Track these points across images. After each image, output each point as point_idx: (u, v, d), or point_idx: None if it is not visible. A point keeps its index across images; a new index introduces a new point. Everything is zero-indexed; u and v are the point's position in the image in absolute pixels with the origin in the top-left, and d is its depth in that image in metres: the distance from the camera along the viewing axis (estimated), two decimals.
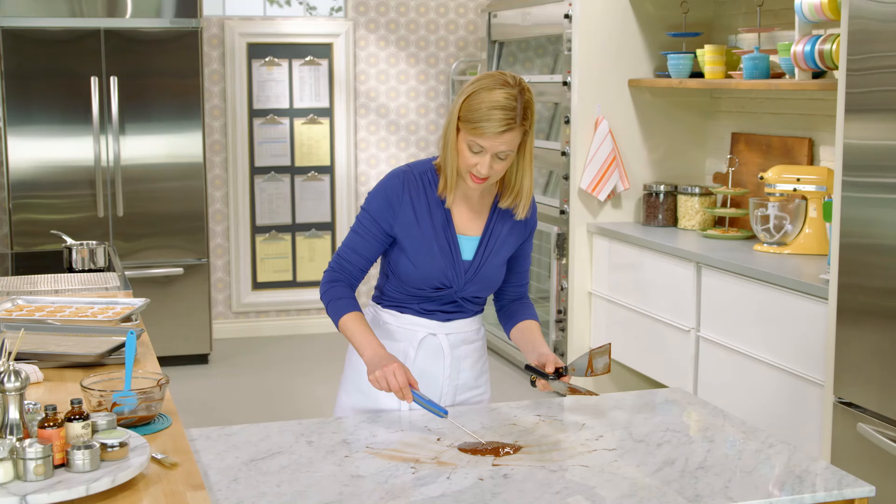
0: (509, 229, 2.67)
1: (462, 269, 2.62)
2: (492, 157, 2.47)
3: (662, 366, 4.76)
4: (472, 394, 2.76)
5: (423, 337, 2.68)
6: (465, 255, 2.63)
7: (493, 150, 2.46)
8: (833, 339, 3.45)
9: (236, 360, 6.47)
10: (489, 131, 2.43)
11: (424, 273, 2.60)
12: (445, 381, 2.70)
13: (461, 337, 2.71)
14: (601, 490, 2.07)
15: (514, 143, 2.48)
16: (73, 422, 1.88)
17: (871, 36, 3.24)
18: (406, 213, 2.59)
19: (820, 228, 4.31)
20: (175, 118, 6.13)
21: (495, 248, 2.65)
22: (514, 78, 2.50)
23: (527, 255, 2.77)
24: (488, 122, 2.43)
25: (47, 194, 6.00)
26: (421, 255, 2.59)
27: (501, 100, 2.44)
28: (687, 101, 5.44)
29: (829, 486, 2.11)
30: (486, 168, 2.47)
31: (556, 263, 5.47)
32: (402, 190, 2.59)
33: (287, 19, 6.91)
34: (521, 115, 2.46)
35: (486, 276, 2.65)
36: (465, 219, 2.64)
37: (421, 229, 2.59)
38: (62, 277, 3.84)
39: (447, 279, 2.61)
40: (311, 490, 2.06)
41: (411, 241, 2.59)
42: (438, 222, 2.60)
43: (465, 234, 2.64)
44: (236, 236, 6.90)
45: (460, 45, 7.18)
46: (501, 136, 2.44)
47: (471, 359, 2.74)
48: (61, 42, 5.92)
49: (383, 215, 2.60)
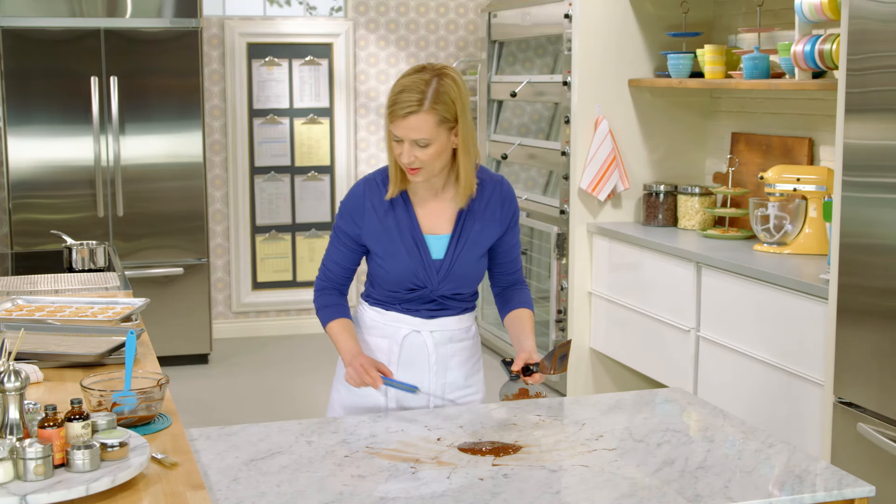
0: (483, 225, 2.66)
1: (433, 269, 2.62)
2: (410, 145, 2.48)
3: (662, 366, 4.76)
4: (461, 393, 2.76)
5: (406, 334, 2.69)
6: (436, 254, 2.63)
7: (406, 136, 2.47)
8: (833, 339, 3.45)
9: (236, 359, 6.47)
10: (395, 115, 2.46)
11: (395, 275, 2.62)
12: (432, 379, 2.70)
13: (447, 335, 2.70)
14: (601, 490, 2.07)
15: (426, 129, 2.47)
16: (73, 422, 1.88)
17: (871, 36, 3.24)
18: (370, 221, 2.63)
19: (820, 228, 4.31)
20: (175, 118, 6.13)
21: (468, 245, 2.64)
22: (435, 66, 2.51)
23: (512, 244, 2.74)
24: (394, 107, 2.47)
25: (47, 194, 6.00)
26: (389, 258, 2.62)
27: (408, 83, 2.47)
28: (687, 100, 5.44)
29: (829, 486, 2.11)
30: (406, 156, 2.49)
31: (556, 263, 5.47)
32: (362, 200, 2.64)
33: (287, 19, 6.91)
34: (430, 99, 2.45)
35: (461, 274, 2.64)
36: (432, 218, 2.64)
37: (387, 233, 2.62)
38: (62, 277, 3.84)
39: (419, 279, 2.62)
40: (310, 490, 2.06)
41: (379, 246, 2.63)
42: (403, 224, 2.62)
43: (435, 234, 2.64)
44: (236, 236, 6.90)
45: (460, 45, 7.18)
46: (406, 120, 2.46)
47: (459, 357, 2.73)
48: (61, 42, 5.92)
49: (350, 227, 2.66)
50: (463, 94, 2.52)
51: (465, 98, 2.53)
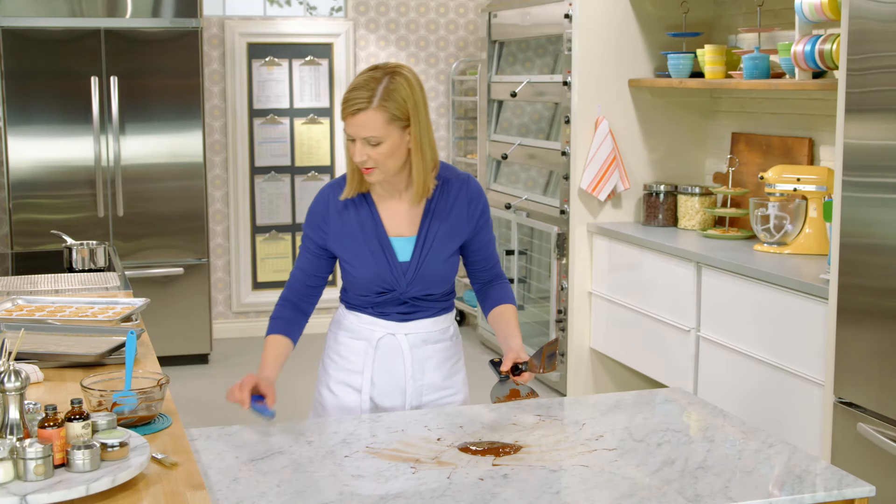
0: (450, 226, 2.65)
1: (400, 271, 2.62)
2: (362, 143, 2.49)
3: (662, 365, 4.76)
4: (440, 395, 2.74)
5: (380, 336, 2.68)
6: (402, 256, 2.63)
7: (357, 134, 2.48)
8: (833, 339, 3.45)
9: (236, 359, 6.47)
10: (345, 112, 2.48)
11: (363, 279, 2.62)
12: (408, 382, 2.69)
13: (422, 337, 2.69)
14: (601, 490, 2.07)
15: (375, 128, 2.47)
16: (73, 422, 1.88)
17: (871, 36, 3.24)
18: (335, 226, 2.63)
19: (820, 228, 4.31)
20: (175, 118, 6.13)
21: (434, 246, 2.63)
22: (389, 65, 2.52)
23: (485, 242, 2.73)
24: (345, 104, 2.48)
25: (47, 194, 6.00)
26: (356, 262, 2.62)
27: (359, 82, 2.49)
28: (687, 100, 5.44)
29: (829, 486, 2.11)
30: (359, 155, 2.49)
31: (557, 263, 5.47)
32: (326, 206, 2.65)
33: (287, 19, 6.91)
34: (379, 97, 2.46)
35: (429, 275, 2.63)
36: (397, 220, 2.64)
37: (352, 237, 2.62)
38: (62, 277, 3.84)
39: (386, 282, 2.62)
40: (310, 490, 2.06)
41: (345, 250, 2.63)
42: (368, 227, 2.62)
43: (401, 236, 2.63)
44: (236, 236, 6.90)
45: (460, 45, 7.18)
46: (356, 118, 2.47)
47: (435, 359, 2.72)
48: (61, 42, 5.92)
49: (315, 233, 2.66)
50: (416, 93, 2.50)
51: (419, 97, 2.51)
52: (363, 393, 2.69)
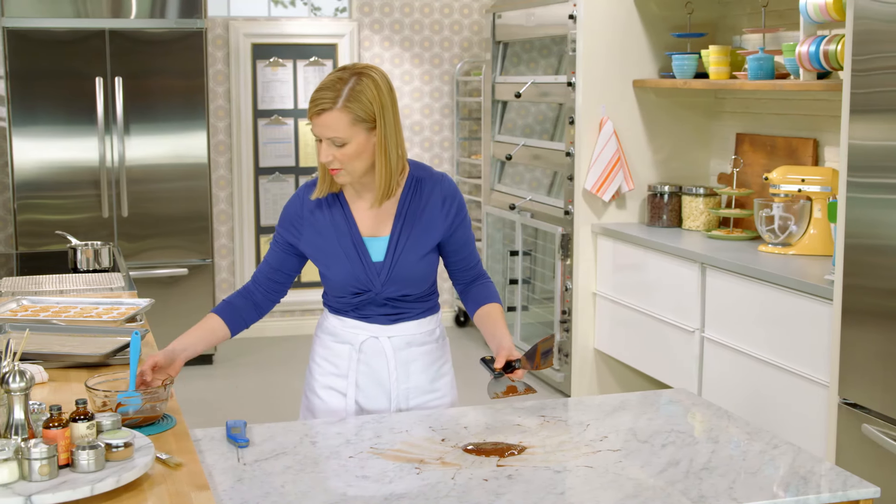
0: (425, 225, 2.63)
1: (374, 271, 2.60)
2: (327, 144, 2.49)
3: (667, 366, 4.76)
4: (427, 398, 2.72)
5: (364, 339, 2.67)
6: (376, 256, 2.61)
7: (322, 134, 2.48)
8: (838, 340, 3.45)
9: (240, 360, 6.48)
10: (310, 112, 2.48)
11: (338, 279, 2.62)
12: (393, 384, 2.68)
13: (406, 339, 2.68)
14: (605, 491, 2.07)
15: (340, 129, 2.46)
16: (77, 422, 1.88)
17: (876, 36, 3.23)
18: (308, 227, 2.63)
19: (825, 229, 4.31)
20: (179, 119, 6.13)
21: (408, 246, 2.61)
22: (357, 66, 2.51)
23: (464, 241, 2.70)
24: (310, 104, 2.49)
25: (52, 195, 6.00)
26: (329, 263, 2.61)
27: (326, 82, 2.48)
28: (691, 101, 5.43)
29: (833, 487, 2.10)
30: (324, 155, 2.49)
31: (561, 264, 5.47)
32: (300, 207, 2.65)
33: (291, 20, 6.92)
34: (344, 98, 2.45)
35: (404, 275, 2.61)
36: (371, 221, 2.63)
37: (325, 238, 2.61)
38: (67, 278, 3.85)
39: (361, 283, 2.60)
40: (315, 490, 2.06)
41: (318, 251, 2.63)
42: (342, 227, 2.61)
43: (374, 236, 2.62)
44: (241, 237, 6.91)
45: (464, 46, 7.18)
46: (320, 118, 2.46)
47: (420, 362, 2.70)
48: (66, 42, 5.93)
49: (287, 233, 2.66)
50: (383, 95, 2.48)
51: (386, 99, 2.49)
52: (348, 397, 2.69)
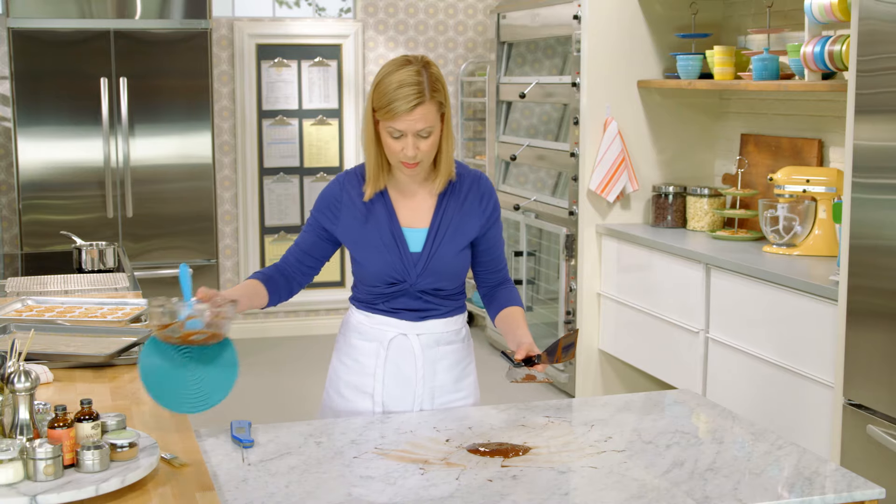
0: (461, 218, 2.64)
1: (411, 262, 2.60)
2: (414, 138, 2.48)
3: (671, 367, 4.76)
4: (451, 397, 2.72)
5: (392, 337, 2.66)
6: (414, 247, 2.61)
7: (411, 129, 2.46)
8: (842, 341, 3.44)
9: (245, 360, 6.44)
10: (401, 109, 2.45)
11: (374, 268, 2.61)
12: (419, 383, 2.67)
13: (434, 338, 2.68)
14: (610, 491, 2.07)
15: (430, 119, 2.48)
16: (82, 422, 1.89)
17: (881, 37, 3.23)
18: (347, 213, 2.62)
19: (829, 230, 4.30)
20: (184, 119, 6.14)
21: (446, 238, 2.62)
22: (415, 57, 2.53)
23: (495, 241, 2.72)
24: (398, 102, 2.45)
25: (57, 195, 6.01)
26: (367, 251, 2.61)
27: (406, 77, 2.47)
28: (696, 102, 5.43)
29: (838, 489, 2.10)
30: (411, 149, 2.48)
31: (565, 264, 5.47)
32: (340, 191, 2.64)
33: (296, 20, 6.92)
34: (429, 88, 2.47)
35: (440, 268, 2.62)
36: (410, 212, 2.63)
37: (363, 226, 2.61)
38: (72, 278, 3.85)
39: (397, 273, 2.60)
40: (319, 491, 2.06)
41: (356, 239, 2.62)
42: (381, 217, 2.61)
43: (413, 227, 2.62)
44: (245, 237, 6.91)
45: (469, 47, 7.18)
46: (413, 112, 2.45)
47: (447, 361, 2.70)
48: (71, 43, 5.93)
49: (324, 216, 2.65)
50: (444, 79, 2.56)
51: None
52: (375, 395, 2.68)
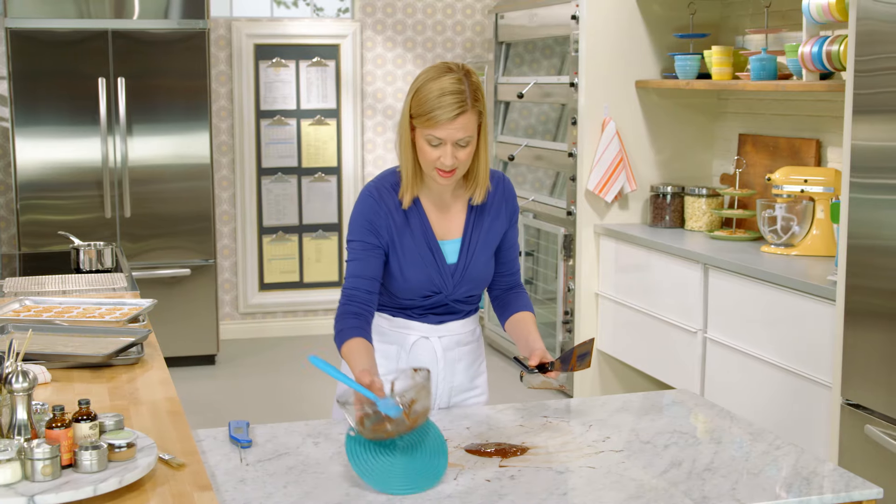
0: (489, 223, 2.63)
1: (448, 273, 2.59)
2: (453, 147, 2.44)
3: (669, 367, 4.76)
4: (467, 395, 2.73)
5: (415, 340, 2.65)
6: (449, 258, 2.60)
7: (451, 137, 2.42)
8: (840, 341, 3.44)
9: (243, 360, 6.48)
10: (443, 118, 2.40)
11: (413, 283, 2.57)
12: (440, 384, 2.68)
13: (455, 339, 2.68)
14: (608, 492, 2.07)
15: (470, 128, 2.44)
16: (80, 422, 1.89)
17: (879, 37, 3.23)
18: (385, 229, 2.55)
19: (827, 230, 4.31)
20: (182, 119, 6.14)
21: (479, 246, 2.61)
22: (456, 64, 2.49)
23: (512, 243, 2.71)
24: (440, 110, 2.40)
25: (55, 195, 6.01)
26: (407, 266, 2.56)
27: (448, 85, 2.42)
28: (694, 102, 5.43)
29: (836, 488, 2.10)
30: (450, 158, 2.44)
31: (563, 264, 5.47)
32: (378, 205, 2.55)
33: (294, 20, 6.92)
34: (471, 97, 2.43)
35: (474, 276, 2.62)
36: (441, 223, 2.60)
37: (402, 240, 2.56)
38: (70, 278, 3.85)
39: (435, 285, 2.59)
40: (317, 491, 2.06)
41: (396, 254, 2.56)
42: (418, 230, 2.57)
43: (446, 238, 2.60)
44: (243, 237, 6.91)
45: (467, 47, 7.18)
46: (455, 121, 2.41)
47: (465, 360, 2.71)
48: (69, 43, 5.93)
49: (374, 234, 2.55)
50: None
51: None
52: None
